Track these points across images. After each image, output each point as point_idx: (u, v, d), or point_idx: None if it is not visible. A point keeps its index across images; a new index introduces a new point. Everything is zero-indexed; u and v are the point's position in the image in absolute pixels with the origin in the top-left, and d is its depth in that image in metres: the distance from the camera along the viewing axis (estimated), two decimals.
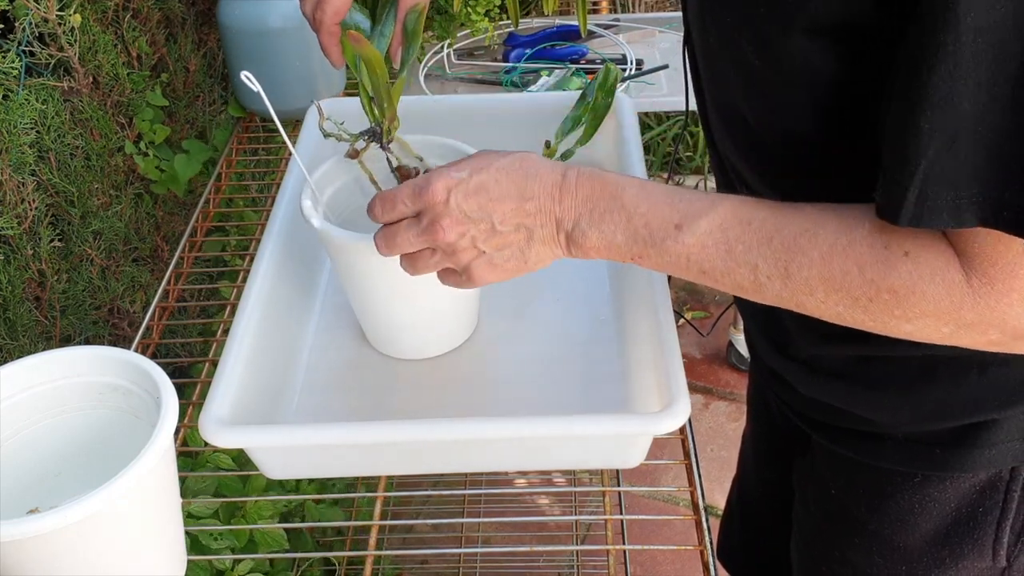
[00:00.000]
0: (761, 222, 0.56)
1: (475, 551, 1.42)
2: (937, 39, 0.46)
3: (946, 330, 0.53)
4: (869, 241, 0.53)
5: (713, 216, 0.58)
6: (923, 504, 0.71)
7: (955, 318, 0.52)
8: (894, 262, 0.52)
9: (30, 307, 1.09)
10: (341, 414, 0.82)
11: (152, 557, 0.67)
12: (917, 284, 0.52)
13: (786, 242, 0.55)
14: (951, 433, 0.67)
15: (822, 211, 0.55)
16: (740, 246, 0.57)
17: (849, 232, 0.54)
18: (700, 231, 0.58)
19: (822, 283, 0.55)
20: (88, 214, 1.17)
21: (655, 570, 1.67)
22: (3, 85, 1.02)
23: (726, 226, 0.57)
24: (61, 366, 0.69)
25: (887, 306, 0.53)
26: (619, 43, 1.50)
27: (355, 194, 0.88)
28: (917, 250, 0.52)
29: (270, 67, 1.27)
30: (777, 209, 0.57)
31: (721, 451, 1.90)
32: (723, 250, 0.57)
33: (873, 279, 0.53)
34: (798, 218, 0.56)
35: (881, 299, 0.53)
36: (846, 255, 0.54)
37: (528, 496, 1.73)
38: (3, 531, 0.56)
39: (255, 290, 0.82)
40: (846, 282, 0.54)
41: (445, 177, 0.62)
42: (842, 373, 0.70)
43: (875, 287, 0.53)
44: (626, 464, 0.76)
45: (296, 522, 1.26)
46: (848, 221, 0.54)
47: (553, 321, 0.90)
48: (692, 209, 0.58)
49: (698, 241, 0.58)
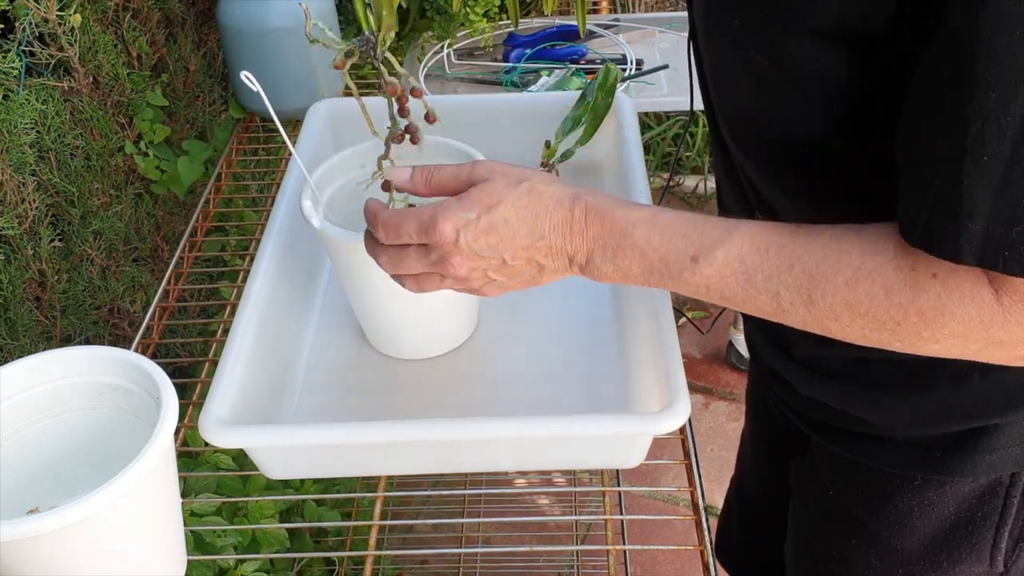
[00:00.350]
0: (779, 248, 0.55)
1: (475, 551, 1.42)
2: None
3: (974, 347, 0.52)
4: (895, 264, 0.52)
5: (730, 246, 0.56)
6: (922, 507, 0.71)
7: (984, 336, 0.51)
8: (923, 284, 0.51)
9: (30, 307, 1.09)
10: (341, 414, 0.82)
11: (152, 557, 0.67)
12: (947, 305, 0.51)
13: (808, 269, 0.54)
14: (951, 437, 0.67)
15: (843, 234, 0.54)
16: (759, 275, 0.56)
17: (874, 256, 0.52)
18: (718, 262, 0.57)
19: (847, 308, 0.54)
20: (88, 214, 1.17)
21: (655, 570, 1.67)
22: (3, 85, 1.02)
23: (743, 255, 0.56)
24: (61, 366, 0.69)
25: (915, 328, 0.52)
26: (619, 43, 1.50)
27: (355, 194, 0.88)
28: (946, 271, 0.50)
29: (270, 67, 1.27)
30: (796, 234, 0.56)
31: (721, 451, 1.90)
32: (742, 279, 0.56)
33: (901, 303, 0.52)
34: (818, 243, 0.54)
35: (909, 322, 0.52)
36: (872, 280, 0.52)
37: (528, 496, 1.73)
38: (3, 531, 0.56)
39: (255, 290, 0.82)
40: (872, 306, 0.53)
41: (453, 217, 0.61)
42: (841, 374, 0.70)
43: (903, 310, 0.52)
44: (626, 464, 0.76)
45: (296, 522, 1.26)
46: (872, 244, 0.53)
47: (553, 321, 0.90)
48: (707, 240, 0.57)
49: (716, 271, 0.57)
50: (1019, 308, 0.49)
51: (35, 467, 0.70)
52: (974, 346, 0.52)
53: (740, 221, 0.58)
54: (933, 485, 0.69)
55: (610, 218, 0.60)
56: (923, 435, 0.68)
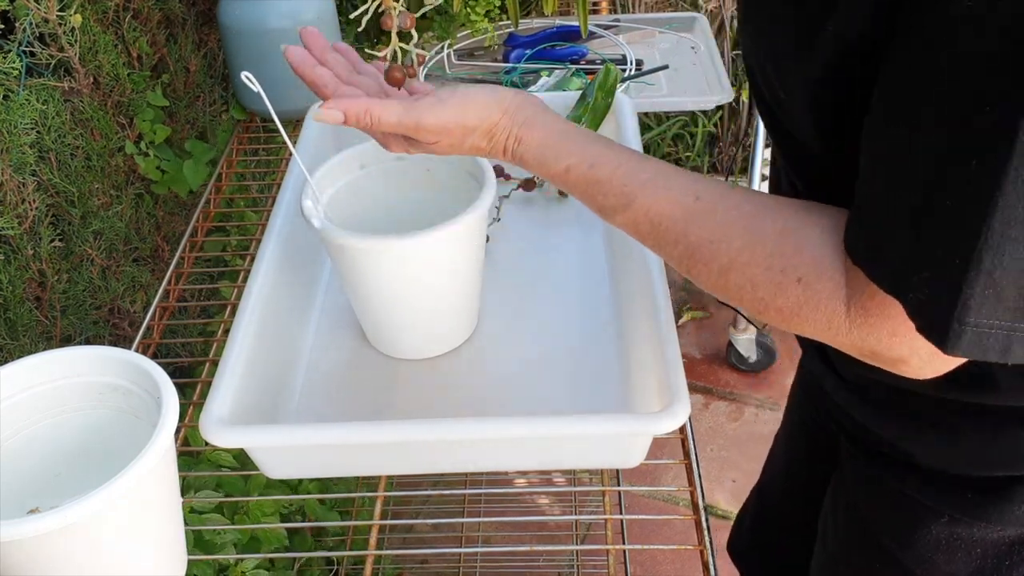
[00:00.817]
0: (671, 223, 0.59)
1: (475, 551, 1.42)
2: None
3: (827, 341, 0.56)
4: (767, 264, 0.55)
5: (627, 213, 0.61)
6: (950, 543, 0.69)
7: (832, 339, 0.54)
8: (786, 286, 0.54)
9: (31, 307, 1.09)
10: (341, 414, 0.82)
11: (152, 557, 0.67)
12: (802, 309, 0.54)
13: (691, 248, 0.58)
14: (986, 480, 0.65)
15: (732, 222, 0.57)
16: (649, 241, 0.62)
17: (751, 249, 0.56)
18: (617, 222, 0.64)
19: (719, 290, 0.58)
20: (89, 214, 1.17)
21: (655, 570, 1.67)
22: (4, 85, 1.02)
23: (638, 221, 0.61)
24: (61, 366, 0.69)
25: (774, 320, 0.56)
26: (619, 43, 1.50)
27: (355, 194, 0.88)
28: (811, 278, 0.53)
29: (270, 67, 1.27)
30: (690, 211, 0.59)
31: (721, 451, 1.90)
32: (636, 238, 0.63)
33: (763, 297, 0.55)
34: (708, 225, 0.58)
35: (768, 314, 0.56)
36: (743, 272, 0.56)
37: (528, 496, 1.73)
38: (3, 531, 0.56)
39: (255, 290, 0.82)
40: (740, 294, 0.57)
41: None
42: (884, 400, 0.69)
43: (764, 304, 0.56)
44: (626, 464, 0.76)
45: (297, 521, 1.26)
46: (755, 236, 0.56)
47: (553, 321, 0.90)
48: (608, 202, 0.63)
49: (619, 225, 0.64)
50: (862, 322, 0.52)
51: (35, 467, 0.70)
52: (826, 340, 0.55)
53: (648, 185, 0.61)
54: (962, 524, 0.68)
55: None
56: (958, 473, 0.67)
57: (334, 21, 1.32)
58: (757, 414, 1.97)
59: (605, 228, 1.01)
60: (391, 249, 0.77)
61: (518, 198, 1.07)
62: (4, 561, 0.59)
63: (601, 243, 1.00)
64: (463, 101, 0.65)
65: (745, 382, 2.05)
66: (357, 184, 0.89)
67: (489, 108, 0.65)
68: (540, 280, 0.95)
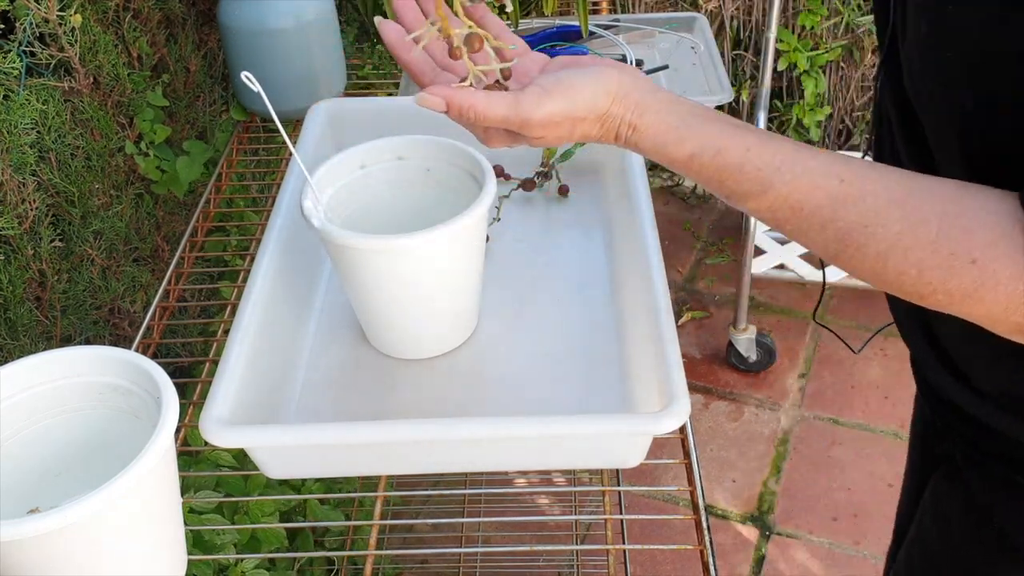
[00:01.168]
0: (815, 209, 0.56)
1: (475, 551, 1.42)
2: None
3: (994, 323, 0.53)
4: (932, 248, 0.52)
5: (761, 199, 0.58)
6: None
7: (1003, 320, 0.52)
8: (958, 269, 0.51)
9: (31, 307, 1.09)
10: (341, 414, 0.82)
11: (152, 557, 0.67)
12: (978, 290, 0.51)
13: (840, 233, 0.55)
14: None
15: (886, 205, 0.54)
16: (788, 227, 0.58)
17: (913, 232, 0.53)
18: (750, 209, 0.59)
19: (873, 275, 0.55)
20: (89, 214, 1.17)
21: (655, 570, 1.67)
22: (4, 85, 1.02)
23: (775, 208, 0.57)
24: (61, 366, 0.69)
25: (939, 304, 0.53)
26: (619, 43, 1.50)
27: (355, 194, 0.88)
28: (987, 259, 0.51)
29: (270, 67, 1.27)
30: (835, 197, 0.55)
31: (721, 451, 1.90)
32: (774, 226, 0.59)
33: (931, 281, 0.52)
34: (859, 209, 0.54)
35: (934, 298, 0.53)
36: (905, 257, 0.53)
37: (528, 496, 1.73)
38: (3, 531, 0.56)
39: (255, 290, 0.82)
40: (901, 280, 0.54)
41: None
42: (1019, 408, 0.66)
43: (930, 288, 0.53)
44: (626, 464, 0.76)
45: (297, 521, 1.26)
46: (915, 219, 0.53)
47: (553, 321, 0.90)
48: (741, 189, 0.59)
49: (753, 211, 0.59)
50: None
51: (35, 467, 0.70)
52: (1003, 327, 0.53)
53: (784, 168, 0.57)
54: None
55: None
56: None
57: (334, 21, 1.32)
58: (757, 414, 1.98)
59: (605, 228, 1.01)
60: (391, 249, 0.77)
61: (518, 198, 1.07)
62: (4, 561, 0.59)
63: (601, 243, 1.00)
64: (569, 90, 0.61)
65: (745, 382, 2.05)
66: (357, 184, 0.89)
67: (596, 97, 0.61)
68: (540, 280, 0.95)
